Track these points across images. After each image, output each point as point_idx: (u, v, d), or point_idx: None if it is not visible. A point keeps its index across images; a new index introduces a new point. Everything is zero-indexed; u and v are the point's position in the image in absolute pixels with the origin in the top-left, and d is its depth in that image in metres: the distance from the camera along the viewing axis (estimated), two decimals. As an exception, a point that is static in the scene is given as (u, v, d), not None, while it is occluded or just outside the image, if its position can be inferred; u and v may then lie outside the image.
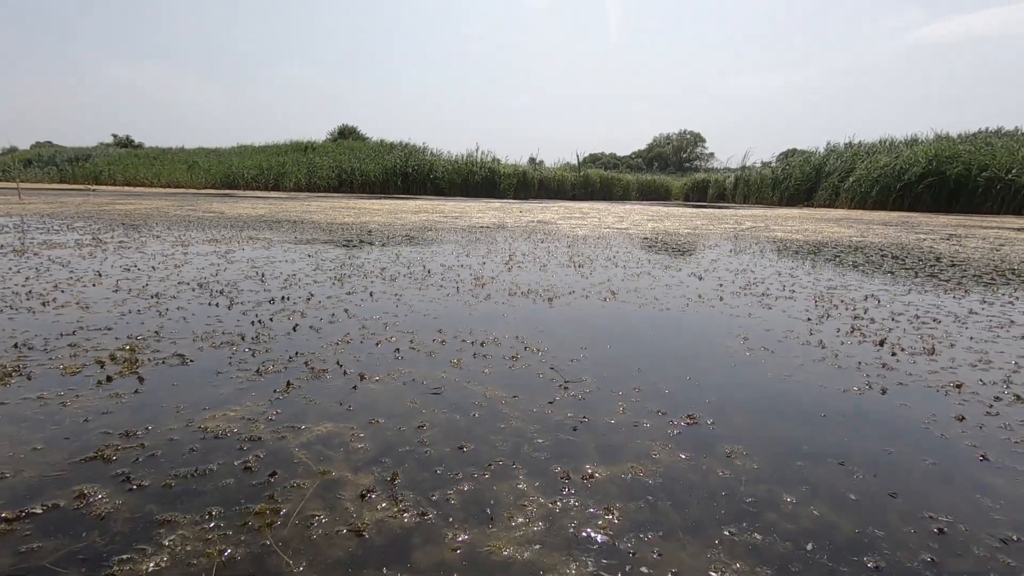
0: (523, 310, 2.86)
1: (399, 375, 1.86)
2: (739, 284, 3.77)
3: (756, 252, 5.85)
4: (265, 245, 5.30)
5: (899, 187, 19.50)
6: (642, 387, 1.82)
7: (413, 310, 2.78)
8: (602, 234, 7.60)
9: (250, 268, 3.91)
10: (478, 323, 2.57)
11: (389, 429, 1.45)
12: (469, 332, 2.42)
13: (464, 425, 1.50)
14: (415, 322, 2.55)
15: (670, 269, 4.41)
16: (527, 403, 1.66)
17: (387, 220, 9.37)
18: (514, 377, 1.89)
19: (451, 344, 2.23)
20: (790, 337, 2.44)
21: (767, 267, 4.68)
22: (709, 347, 2.30)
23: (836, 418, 1.60)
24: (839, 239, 7.86)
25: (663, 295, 3.34)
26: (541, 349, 2.21)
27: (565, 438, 1.44)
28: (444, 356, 2.08)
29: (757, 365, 2.07)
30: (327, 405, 1.58)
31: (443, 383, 1.80)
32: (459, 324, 2.54)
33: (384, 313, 2.69)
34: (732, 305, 3.09)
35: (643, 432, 1.49)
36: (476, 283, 3.57)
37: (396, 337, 2.29)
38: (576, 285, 3.60)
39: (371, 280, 3.58)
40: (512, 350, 2.19)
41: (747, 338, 2.41)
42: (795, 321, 2.73)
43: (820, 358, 2.15)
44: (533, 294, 3.27)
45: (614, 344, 2.31)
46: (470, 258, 4.77)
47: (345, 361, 1.97)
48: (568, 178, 32.17)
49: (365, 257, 4.66)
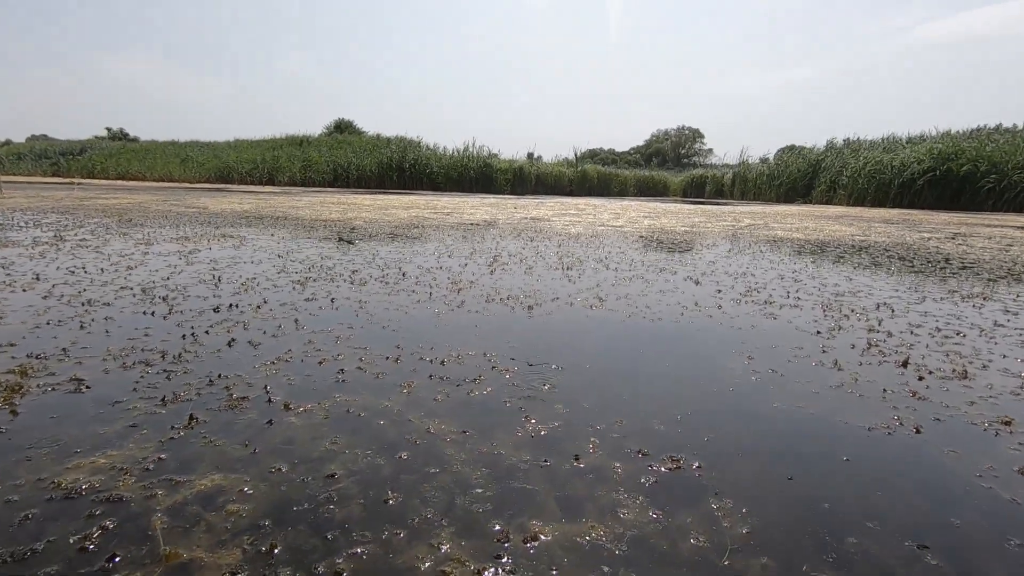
0: (498, 320, 2.56)
1: (331, 405, 1.55)
2: (739, 290, 3.47)
3: (756, 252, 5.55)
4: (236, 244, 4.98)
5: (898, 184, 19.24)
6: (623, 419, 1.53)
7: (374, 320, 2.47)
8: (596, 232, 7.30)
9: (209, 270, 3.60)
10: (444, 336, 2.27)
11: (290, 480, 1.15)
12: (431, 348, 2.11)
13: (389, 472, 1.20)
14: (372, 335, 2.24)
15: (665, 272, 4.10)
16: (478, 440, 1.37)
17: (374, 216, 9.05)
18: (469, 406, 1.59)
19: (406, 363, 1.93)
20: (800, 355, 2.14)
21: (768, 269, 4.38)
22: (706, 367, 2.00)
23: (863, 467, 1.31)
24: (841, 238, 7.56)
25: (656, 302, 3.04)
26: (510, 369, 1.91)
27: (516, 487, 1.15)
28: (393, 379, 1.78)
29: (763, 392, 1.77)
30: (227, 448, 1.28)
31: (382, 415, 1.50)
32: (422, 338, 2.24)
33: (339, 324, 2.39)
34: (732, 315, 2.79)
35: (614, 480, 1.19)
36: (452, 288, 3.27)
37: (344, 354, 1.99)
38: (562, 290, 3.30)
39: (337, 284, 3.27)
40: (476, 370, 1.88)
41: (752, 357, 2.10)
42: (804, 335, 2.43)
43: (837, 383, 1.85)
44: (513, 301, 2.96)
45: (596, 363, 2.01)
46: (452, 259, 4.47)
47: (274, 386, 1.67)
48: (565, 174, 31.82)
49: (339, 258, 4.35)
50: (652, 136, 61.72)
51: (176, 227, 6.29)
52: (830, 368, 2.00)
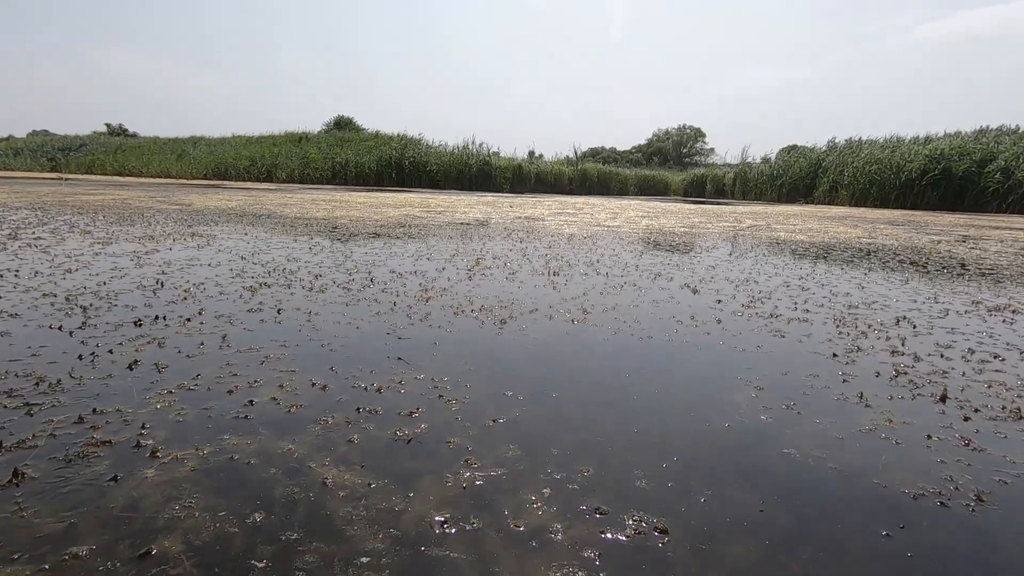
0: (463, 337, 2.22)
1: (213, 451, 1.22)
2: (741, 300, 3.13)
3: (758, 256, 5.21)
4: (201, 244, 4.64)
5: (900, 184, 18.91)
6: (591, 466, 1.20)
7: (316, 337, 2.13)
8: (590, 233, 6.95)
9: (157, 274, 3.26)
10: (393, 357, 1.93)
11: (93, 570, 0.81)
12: (371, 372, 1.78)
13: (240, 545, 0.87)
14: (307, 355, 1.91)
15: (660, 278, 3.76)
16: (388, 495, 1.05)
17: (363, 215, 8.71)
18: (392, 450, 1.26)
19: (334, 392, 1.60)
20: (816, 386, 1.80)
21: (772, 275, 4.04)
22: (702, 400, 1.66)
23: (912, 554, 0.97)
24: (847, 240, 7.22)
25: (647, 316, 2.70)
26: (460, 399, 1.58)
27: (420, 561, 0.82)
28: (310, 413, 1.45)
29: (772, 436, 1.43)
30: (35, 522, 0.94)
31: (275, 463, 1.17)
32: (365, 359, 1.90)
33: (274, 341, 2.05)
34: (733, 331, 2.45)
35: (552, 550, 0.86)
36: (421, 297, 2.93)
37: (263, 381, 1.65)
38: (543, 300, 2.96)
39: (292, 291, 2.93)
40: (415, 402, 1.55)
41: (760, 388, 1.77)
42: (818, 359, 2.08)
43: (866, 426, 1.50)
44: (485, 313, 2.62)
45: (568, 391, 1.67)
46: (431, 262, 4.13)
47: (155, 424, 1.33)
48: (565, 172, 31.45)
49: (306, 260, 4.01)
50: (653, 135, 61.31)
51: (147, 225, 5.96)
52: (855, 404, 1.66)
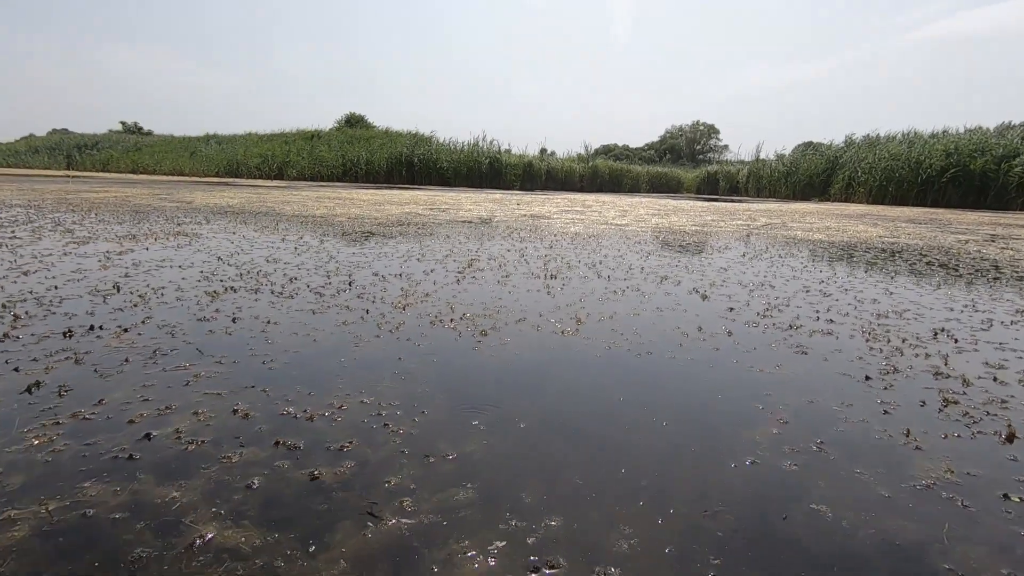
0: (433, 351, 1.94)
1: (68, 505, 0.96)
2: (756, 307, 2.81)
3: (774, 257, 4.86)
4: (182, 243, 4.42)
5: (919, 181, 18.31)
6: (561, 515, 0.91)
7: (263, 351, 1.86)
8: (596, 232, 6.64)
9: (119, 277, 3.03)
10: (345, 376, 1.65)
11: None
12: (310, 394, 1.50)
13: None
14: (242, 375, 1.64)
15: (666, 282, 3.45)
16: (277, 557, 0.79)
17: (363, 213, 8.47)
18: (302, 498, 0.98)
19: (254, 421, 1.33)
20: (851, 419, 1.49)
21: (790, 279, 3.71)
22: (710, 436, 1.36)
23: None
24: (868, 240, 6.83)
25: (649, 326, 2.40)
26: (407, 429, 1.30)
27: None
28: (214, 450, 1.19)
29: (801, 489, 1.13)
30: None
31: (146, 517, 0.90)
32: (309, 379, 1.63)
33: (211, 357, 1.78)
34: (747, 346, 2.14)
35: None
36: (399, 303, 2.65)
37: (177, 407, 1.39)
38: (534, 307, 2.67)
39: (258, 297, 2.67)
40: (351, 433, 1.28)
41: (784, 421, 1.46)
42: (849, 383, 1.77)
43: (922, 479, 1.19)
44: (466, 323, 2.34)
45: (544, 421, 1.38)
46: (421, 263, 3.85)
47: (19, 465, 1.08)
48: (576, 169, 31.06)
49: (288, 261, 3.75)
50: (666, 132, 60.55)
51: (135, 223, 5.76)
52: (901, 445, 1.35)
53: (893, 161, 19.31)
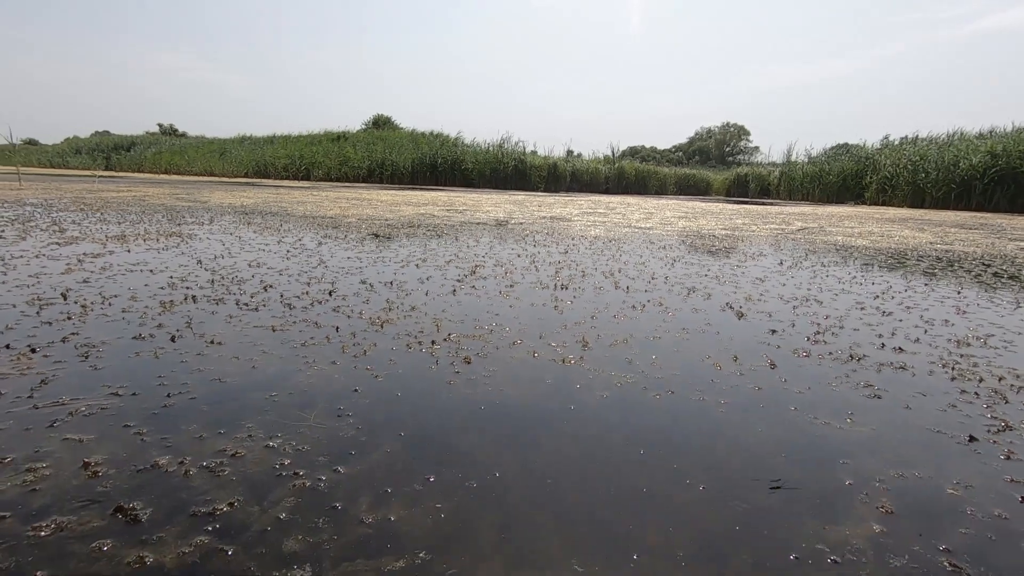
0: (398, 384, 1.55)
1: None
2: (803, 329, 2.34)
3: (816, 266, 4.35)
4: (169, 246, 4.14)
5: (961, 183, 17.27)
6: None
7: (182, 380, 1.50)
8: (617, 236, 6.18)
9: (76, 282, 2.73)
10: (264, 413, 1.27)
11: None
12: (201, 438, 1.13)
13: None
14: (132, 412, 1.27)
15: (694, 295, 3.00)
16: None
17: (376, 213, 8.18)
18: None
19: (103, 478, 0.95)
20: (976, 508, 1.04)
21: (839, 293, 3.21)
22: (781, 545, 0.94)
23: None
24: (918, 246, 6.21)
25: (672, 352, 1.96)
26: (317, 491, 0.90)
27: None
28: (15, 526, 0.80)
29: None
30: None
31: None
32: (216, 417, 1.25)
33: (107, 387, 1.42)
34: (800, 384, 1.69)
35: None
36: (378, 319, 2.28)
37: (18, 457, 1.03)
38: (535, 325, 2.26)
39: (217, 309, 2.33)
40: (230, 493, 0.89)
41: (887, 510, 1.02)
42: (950, 444, 1.31)
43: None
44: (450, 345, 1.95)
45: (511, 489, 0.97)
46: (419, 269, 3.48)
47: None
48: (602, 171, 30.48)
49: (272, 266, 3.42)
50: (696, 133, 59.33)
51: (132, 224, 5.54)
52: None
53: (933, 163, 18.31)
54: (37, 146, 59.11)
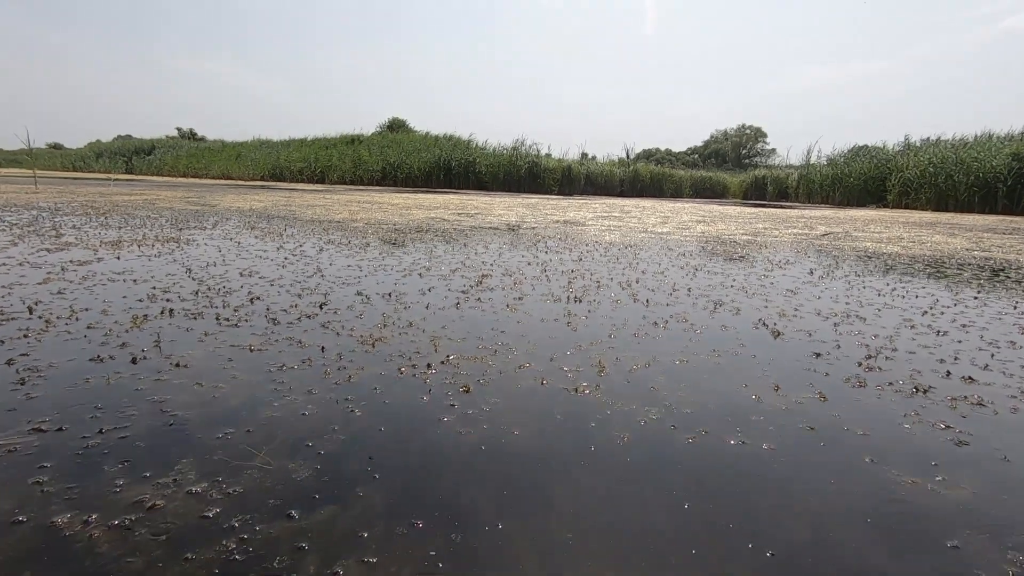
0: (381, 416, 1.30)
1: None
2: (851, 351, 2.06)
3: (850, 275, 4.04)
4: (163, 252, 3.97)
5: (987, 186, 16.71)
6: None
7: (126, 412, 1.27)
8: (634, 241, 5.90)
9: (49, 294, 2.54)
10: (212, 453, 1.04)
11: None
12: (118, 488, 0.89)
13: None
14: (42, 454, 1.04)
15: (722, 310, 2.72)
16: None
17: (385, 218, 7.99)
18: None
19: None
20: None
21: (881, 308, 2.92)
22: None
23: None
24: (953, 253, 5.84)
25: (702, 381, 1.70)
26: (245, 547, 0.66)
27: None
28: None
29: None
30: None
31: None
32: (150, 458, 1.01)
33: (28, 423, 1.20)
34: (859, 421, 1.41)
35: None
36: (370, 337, 2.04)
37: None
38: (546, 345, 2.01)
39: (194, 324, 2.11)
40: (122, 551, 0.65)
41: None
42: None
43: None
44: (447, 370, 1.70)
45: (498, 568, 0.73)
46: (422, 279, 3.25)
47: None
48: (616, 173, 30.13)
49: (265, 274, 3.22)
50: (711, 136, 58.63)
51: (136, 228, 5.39)
52: None
53: (957, 165, 17.77)
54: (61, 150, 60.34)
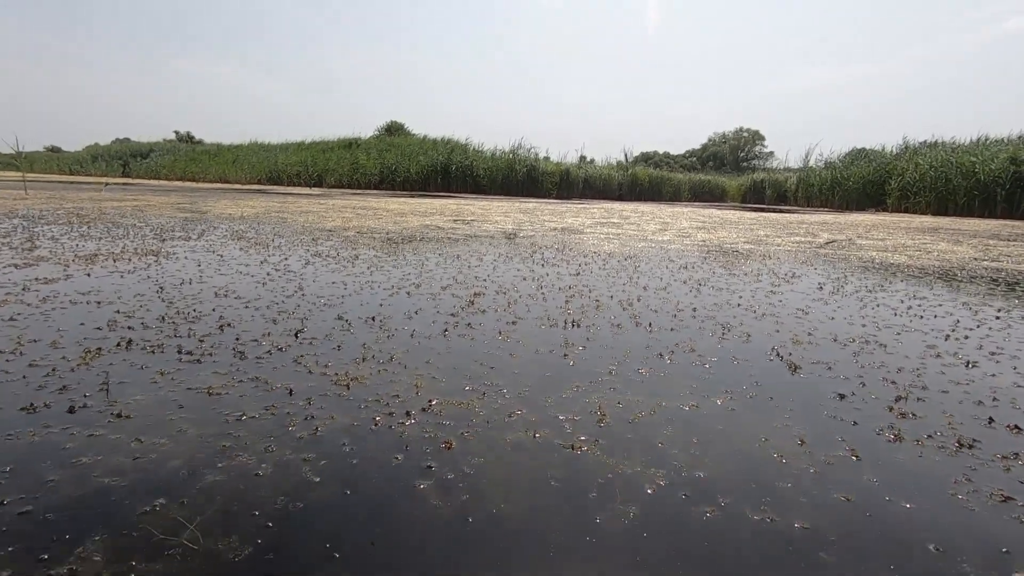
0: (345, 485, 1.11)
1: None
2: (878, 391, 1.86)
3: (861, 291, 3.85)
4: (137, 268, 3.76)
5: (985, 190, 16.62)
6: None
7: (30, 481, 1.07)
8: (634, 251, 5.71)
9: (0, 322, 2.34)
10: (105, 546, 0.84)
11: None
12: None
13: None
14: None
15: (731, 334, 2.53)
16: None
17: (380, 225, 7.80)
18: None
19: None
20: None
21: (900, 331, 2.73)
22: None
23: None
24: (962, 263, 5.66)
25: (716, 434, 1.50)
26: None
27: None
28: None
29: None
30: None
31: None
32: None
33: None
34: (901, 493, 1.22)
35: None
36: (344, 377, 1.85)
37: None
38: (539, 385, 1.81)
39: (151, 360, 1.91)
40: None
41: None
42: None
43: None
44: (427, 418, 1.50)
45: None
46: (410, 299, 3.05)
47: None
48: (615, 177, 29.99)
49: (242, 294, 3.02)
50: (709, 139, 58.57)
51: (113, 239, 5.19)
52: None
53: (956, 169, 17.68)
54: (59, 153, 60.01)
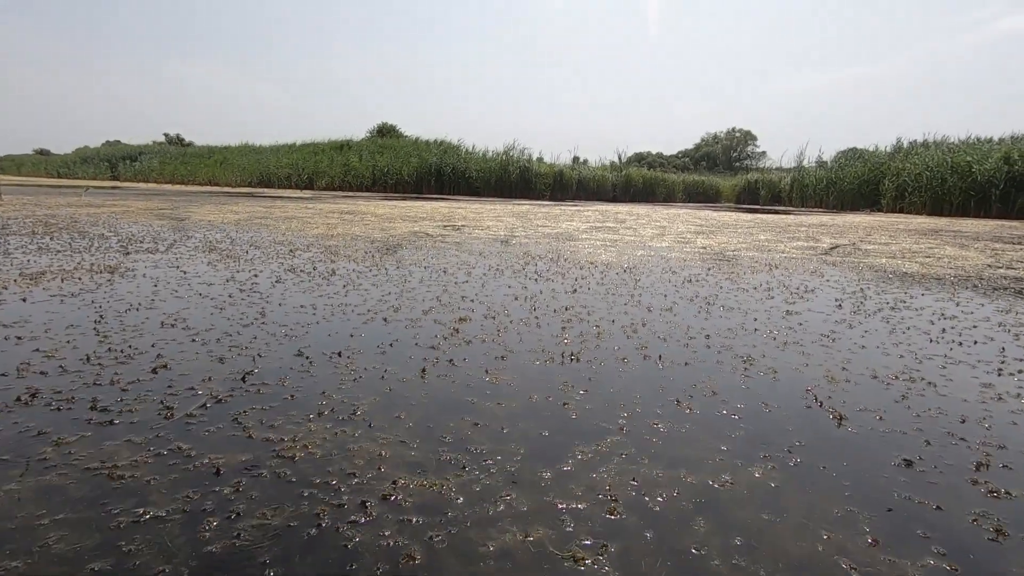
0: None
1: None
2: (951, 457, 1.53)
3: (883, 308, 3.53)
4: (84, 289, 3.39)
5: (981, 189, 16.48)
6: None
7: None
8: (633, 261, 5.37)
9: (-101, 360, 1.96)
10: None
11: None
12: None
13: None
14: None
15: (754, 369, 2.18)
16: None
17: (366, 232, 7.43)
18: None
19: None
20: None
21: (945, 363, 2.40)
22: None
23: None
24: (976, 271, 5.36)
25: (761, 536, 1.16)
26: None
27: None
28: None
29: None
30: None
31: None
32: None
33: None
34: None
35: None
36: (296, 439, 1.49)
37: None
38: (534, 452, 1.46)
39: (54, 419, 1.55)
40: None
41: None
42: None
43: None
44: (388, 515, 1.15)
45: None
46: (387, 325, 2.70)
47: None
48: (608, 178, 29.71)
49: (192, 325, 2.65)
50: (702, 140, 58.48)
51: (76, 253, 4.80)
52: None
53: (951, 169, 17.53)
54: (48, 156, 59.09)
